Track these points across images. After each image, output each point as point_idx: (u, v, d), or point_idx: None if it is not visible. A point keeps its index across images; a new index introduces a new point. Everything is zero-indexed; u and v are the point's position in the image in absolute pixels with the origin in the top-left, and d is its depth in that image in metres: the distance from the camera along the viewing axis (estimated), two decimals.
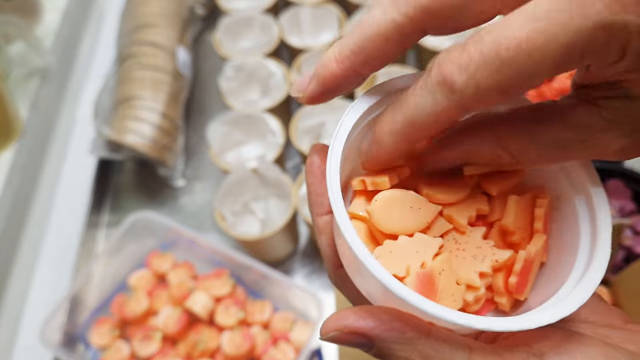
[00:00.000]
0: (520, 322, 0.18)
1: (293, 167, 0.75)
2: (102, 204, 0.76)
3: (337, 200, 0.19)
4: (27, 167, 0.70)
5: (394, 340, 0.18)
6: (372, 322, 0.18)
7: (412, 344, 0.18)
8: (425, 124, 0.18)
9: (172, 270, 0.63)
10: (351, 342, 0.19)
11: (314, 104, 0.22)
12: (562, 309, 0.18)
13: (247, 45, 0.78)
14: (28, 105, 0.73)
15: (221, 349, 0.57)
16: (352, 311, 0.19)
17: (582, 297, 0.18)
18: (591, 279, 0.19)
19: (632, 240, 0.57)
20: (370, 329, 0.18)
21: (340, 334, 0.19)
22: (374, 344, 0.19)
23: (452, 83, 0.17)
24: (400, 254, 0.20)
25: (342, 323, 0.19)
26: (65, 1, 0.85)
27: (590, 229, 0.20)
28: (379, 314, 0.19)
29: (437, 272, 0.20)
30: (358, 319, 0.19)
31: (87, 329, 0.61)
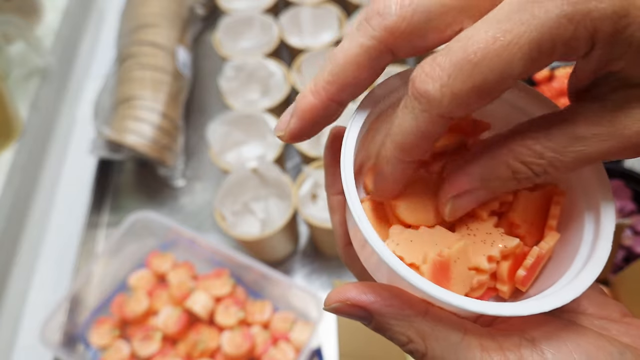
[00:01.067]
0: (512, 308, 0.18)
1: (293, 167, 0.75)
2: (102, 204, 0.76)
3: (349, 186, 0.20)
4: (27, 167, 0.70)
5: (392, 315, 0.19)
6: (372, 297, 0.19)
7: (409, 320, 0.19)
8: (414, 144, 0.19)
9: (172, 270, 0.63)
10: (352, 314, 0.20)
11: (296, 141, 0.22)
12: (556, 300, 0.18)
13: (247, 45, 0.78)
14: (28, 105, 0.73)
15: (221, 349, 0.57)
16: (354, 285, 0.20)
17: (577, 290, 0.19)
18: (589, 273, 0.19)
19: (632, 240, 0.57)
20: (370, 303, 0.19)
21: (342, 306, 0.20)
22: (372, 318, 0.20)
23: (427, 95, 0.17)
24: (419, 244, 0.21)
25: (345, 295, 0.20)
26: (66, 1, 0.85)
27: (593, 225, 0.21)
28: (380, 290, 0.20)
29: (452, 260, 0.21)
30: (360, 293, 0.20)
31: (87, 329, 0.61)
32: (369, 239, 0.19)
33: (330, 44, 0.73)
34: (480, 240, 0.22)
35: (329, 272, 0.67)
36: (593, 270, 0.19)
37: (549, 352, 0.18)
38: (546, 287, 0.21)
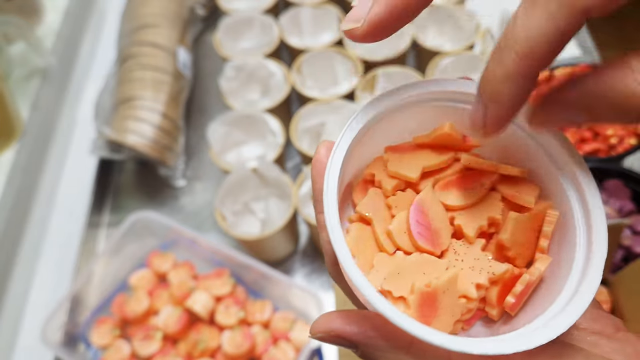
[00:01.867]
0: (497, 347, 0.17)
1: (293, 167, 0.75)
2: (103, 204, 0.76)
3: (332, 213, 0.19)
4: (27, 167, 0.70)
5: (377, 347, 0.19)
6: (356, 328, 0.19)
7: (394, 352, 0.19)
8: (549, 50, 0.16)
9: (172, 270, 0.64)
10: (337, 343, 0.20)
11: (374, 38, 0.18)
12: (542, 336, 0.18)
13: (247, 46, 0.78)
14: (29, 105, 0.73)
15: (221, 348, 0.57)
16: (339, 315, 0.20)
17: (567, 322, 0.18)
18: (580, 301, 0.19)
19: (631, 239, 0.57)
20: (354, 335, 0.19)
21: (326, 336, 0.20)
22: (357, 348, 0.19)
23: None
24: (407, 275, 0.21)
25: (330, 326, 0.20)
26: (66, 2, 0.85)
27: (586, 247, 0.20)
28: (365, 322, 0.19)
29: (441, 291, 0.20)
30: (344, 325, 0.19)
31: (87, 328, 0.61)
32: (353, 278, 0.18)
33: (330, 44, 0.73)
34: (469, 267, 0.21)
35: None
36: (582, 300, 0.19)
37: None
38: (536, 312, 0.20)
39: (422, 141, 0.23)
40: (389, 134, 0.24)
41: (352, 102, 0.66)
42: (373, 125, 0.22)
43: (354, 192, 0.24)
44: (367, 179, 0.24)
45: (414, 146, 0.24)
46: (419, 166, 0.23)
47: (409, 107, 0.23)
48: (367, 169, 0.24)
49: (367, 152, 0.24)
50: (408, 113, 0.23)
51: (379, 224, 0.22)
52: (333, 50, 0.71)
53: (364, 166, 0.24)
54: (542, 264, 0.21)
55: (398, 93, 0.22)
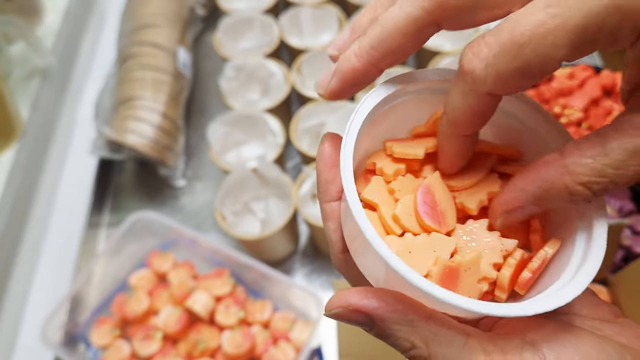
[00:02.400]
0: (518, 309, 0.18)
1: (293, 167, 0.75)
2: (103, 204, 0.76)
3: (350, 185, 0.20)
4: (27, 167, 0.70)
5: (395, 321, 0.19)
6: (375, 302, 0.19)
7: (412, 325, 0.19)
8: (465, 120, 0.20)
9: (172, 269, 0.64)
10: (354, 319, 0.20)
11: (335, 99, 0.23)
12: (554, 301, 0.18)
13: (247, 46, 0.78)
14: (29, 105, 0.73)
15: (221, 348, 0.57)
16: (356, 290, 0.20)
17: (575, 291, 0.19)
18: (585, 274, 0.19)
19: (631, 239, 0.57)
20: (373, 309, 0.19)
21: (344, 311, 0.19)
22: (375, 324, 0.19)
23: (472, 74, 0.18)
24: (418, 253, 0.21)
25: (347, 301, 0.19)
26: (66, 2, 0.85)
27: (586, 226, 0.21)
28: (383, 295, 0.19)
29: (463, 269, 0.21)
30: (362, 298, 0.19)
31: (87, 328, 0.61)
32: (374, 244, 0.18)
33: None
34: (483, 248, 0.22)
35: (328, 272, 0.67)
36: (587, 273, 0.19)
37: (551, 355, 0.18)
38: (542, 288, 0.21)
39: (418, 132, 0.24)
40: (386, 130, 0.24)
41: (352, 102, 0.66)
42: (371, 120, 0.23)
43: (356, 183, 0.24)
44: (369, 168, 0.24)
45: (411, 137, 0.25)
46: (422, 147, 0.23)
47: (407, 100, 0.24)
48: (368, 159, 0.24)
49: (365, 147, 0.24)
50: (404, 106, 0.24)
51: (385, 209, 0.22)
52: None
53: (362, 159, 0.25)
54: (554, 245, 0.22)
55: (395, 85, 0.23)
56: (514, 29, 0.17)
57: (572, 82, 0.68)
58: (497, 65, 0.17)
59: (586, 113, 0.65)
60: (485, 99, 0.18)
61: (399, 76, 0.23)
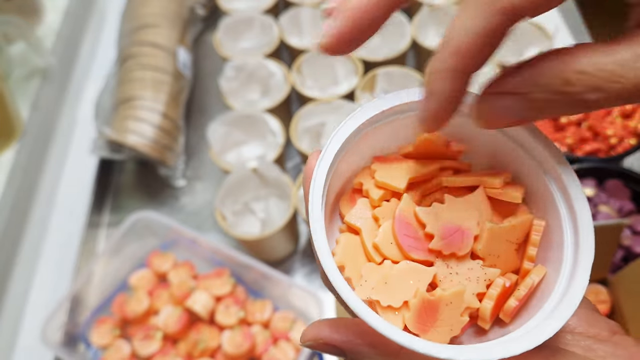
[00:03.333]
0: (482, 354, 0.18)
1: (293, 167, 0.75)
2: (103, 204, 0.76)
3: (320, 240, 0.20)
4: (28, 167, 0.70)
5: (365, 354, 0.19)
6: (345, 336, 0.20)
7: (382, 359, 0.19)
8: (476, 48, 0.17)
9: (172, 269, 0.64)
10: (325, 351, 0.20)
11: (337, 51, 0.19)
12: (530, 341, 0.18)
13: (247, 46, 0.78)
14: (29, 105, 0.73)
15: (222, 348, 0.57)
16: (328, 323, 0.20)
17: (553, 328, 0.18)
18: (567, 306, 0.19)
19: (630, 239, 0.57)
20: (342, 342, 0.20)
21: (315, 344, 0.20)
22: (346, 356, 0.20)
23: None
24: (394, 284, 0.21)
25: (318, 334, 0.20)
26: (66, 1, 0.85)
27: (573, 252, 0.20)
28: (354, 329, 0.20)
29: (444, 304, 0.20)
30: (332, 332, 0.20)
31: (87, 328, 0.61)
32: (338, 289, 0.19)
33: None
34: (466, 278, 0.22)
35: None
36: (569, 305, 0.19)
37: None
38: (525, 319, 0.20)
39: (407, 151, 0.24)
40: (377, 144, 0.24)
41: (352, 102, 0.66)
42: (361, 135, 0.23)
43: (341, 202, 0.24)
44: (356, 188, 0.24)
45: (400, 157, 0.24)
46: (405, 177, 0.23)
47: (395, 118, 0.23)
48: (356, 177, 0.24)
49: (355, 161, 0.24)
50: (393, 124, 0.23)
51: (367, 235, 0.22)
52: None
53: (352, 175, 0.24)
54: (540, 271, 0.21)
55: (383, 103, 0.22)
56: None
57: None
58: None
59: (586, 113, 0.65)
60: (504, 19, 0.16)
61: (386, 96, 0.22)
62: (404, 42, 0.72)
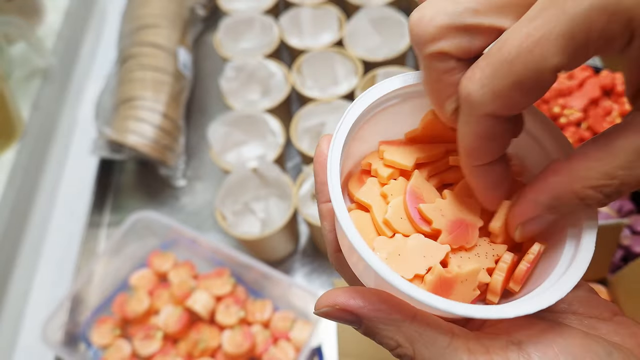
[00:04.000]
0: (499, 311, 0.18)
1: (293, 167, 0.75)
2: (104, 204, 0.76)
3: (337, 197, 0.20)
4: (28, 167, 0.71)
5: (380, 320, 0.19)
6: (361, 302, 0.20)
7: (397, 325, 0.19)
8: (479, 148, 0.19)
9: (173, 269, 0.64)
10: (341, 318, 0.20)
11: None
12: (541, 301, 0.19)
13: (247, 46, 0.78)
14: (29, 105, 0.74)
15: (222, 348, 0.57)
16: (344, 290, 0.20)
17: (562, 291, 0.19)
18: (572, 275, 0.19)
19: (630, 239, 0.57)
20: (359, 308, 0.20)
21: (331, 310, 0.20)
22: (361, 322, 0.20)
23: (469, 98, 0.18)
24: (408, 257, 0.21)
25: (334, 300, 0.20)
26: (67, 2, 0.86)
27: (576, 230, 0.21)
28: (369, 295, 0.20)
29: (460, 281, 0.21)
30: (349, 298, 0.20)
31: (88, 328, 0.61)
32: (357, 248, 0.19)
33: (330, 45, 0.73)
34: (475, 254, 0.22)
35: (329, 272, 0.67)
36: (574, 275, 0.19)
37: (535, 355, 0.18)
38: (530, 290, 0.21)
39: (413, 135, 0.24)
40: (383, 130, 0.24)
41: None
42: (367, 121, 0.23)
43: (350, 183, 0.25)
44: (365, 169, 0.25)
45: (406, 141, 0.25)
46: (413, 157, 0.24)
47: (401, 101, 0.24)
48: (364, 159, 0.25)
49: (361, 147, 0.24)
50: (400, 107, 0.24)
51: (377, 211, 0.23)
52: (333, 50, 0.71)
53: (359, 160, 0.25)
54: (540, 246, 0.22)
55: (390, 86, 0.23)
56: (502, 48, 0.17)
57: (571, 82, 0.68)
58: (491, 84, 0.17)
59: (585, 113, 0.66)
60: (489, 121, 0.18)
61: (395, 77, 0.23)
62: (404, 42, 0.72)
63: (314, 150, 0.65)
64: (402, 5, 0.82)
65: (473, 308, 0.18)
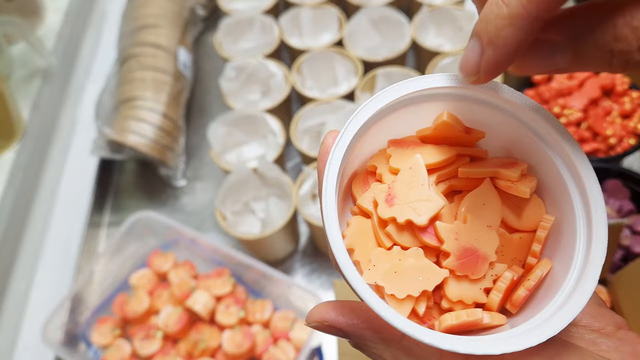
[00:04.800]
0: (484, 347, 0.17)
1: (293, 167, 0.75)
2: (104, 204, 0.76)
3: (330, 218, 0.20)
4: (28, 167, 0.71)
5: (369, 339, 0.20)
6: (349, 319, 0.20)
7: (385, 344, 0.19)
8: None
9: (173, 269, 0.64)
10: (330, 333, 0.20)
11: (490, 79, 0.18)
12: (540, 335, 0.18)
13: (247, 46, 0.78)
14: (30, 105, 0.74)
15: (222, 347, 0.57)
16: (334, 306, 0.20)
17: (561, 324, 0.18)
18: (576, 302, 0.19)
19: (630, 239, 0.57)
20: (347, 326, 0.20)
21: (321, 326, 0.20)
22: (350, 338, 0.20)
23: None
24: (404, 276, 0.21)
25: (323, 316, 0.20)
26: (67, 2, 0.86)
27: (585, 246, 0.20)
28: (359, 313, 0.20)
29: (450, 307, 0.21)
30: (337, 315, 0.20)
31: (88, 328, 0.61)
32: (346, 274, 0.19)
33: (330, 45, 0.73)
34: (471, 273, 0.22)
35: (329, 272, 0.67)
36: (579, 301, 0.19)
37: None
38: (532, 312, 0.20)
39: (424, 134, 0.24)
40: (394, 129, 0.24)
41: (352, 102, 0.66)
42: (379, 119, 0.23)
43: (353, 184, 0.24)
44: (370, 170, 0.24)
45: (416, 140, 0.24)
46: None
47: (414, 102, 0.23)
48: (370, 160, 0.24)
49: (371, 144, 0.24)
50: (413, 108, 0.23)
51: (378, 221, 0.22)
52: (333, 50, 0.71)
53: (366, 159, 0.24)
54: (544, 268, 0.21)
55: (404, 88, 0.22)
56: None
57: (571, 82, 0.68)
58: None
59: (585, 113, 0.66)
60: None
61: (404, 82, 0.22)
62: (404, 42, 0.72)
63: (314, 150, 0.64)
64: (402, 5, 0.82)
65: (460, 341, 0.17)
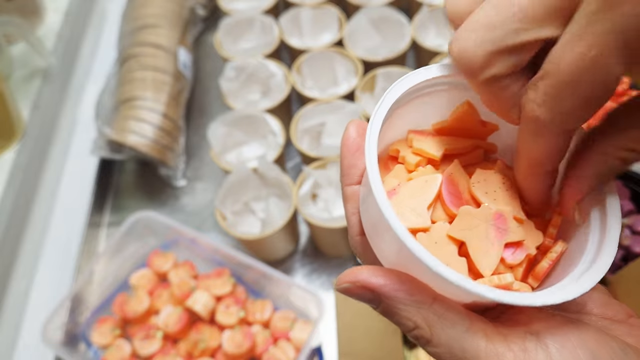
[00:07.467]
0: (527, 299, 0.18)
1: (293, 167, 0.75)
2: (104, 204, 0.76)
3: (373, 169, 0.20)
4: (28, 167, 0.71)
5: (400, 300, 0.20)
6: (383, 280, 0.20)
7: (416, 306, 0.19)
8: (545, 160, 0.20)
9: (173, 269, 0.64)
10: (361, 295, 0.20)
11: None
12: (568, 293, 0.19)
13: (247, 46, 0.78)
14: (30, 105, 0.74)
15: (222, 348, 0.57)
16: (367, 268, 0.20)
17: (587, 285, 0.19)
18: (596, 271, 0.19)
19: (630, 239, 0.57)
20: (380, 286, 0.20)
21: (352, 287, 0.20)
22: (381, 301, 0.20)
23: (537, 119, 0.19)
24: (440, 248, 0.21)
25: (356, 277, 0.20)
26: (67, 2, 0.86)
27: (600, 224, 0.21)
28: (391, 275, 0.20)
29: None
30: (370, 276, 0.20)
31: (88, 328, 0.61)
32: (394, 226, 0.19)
33: (330, 45, 0.73)
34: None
35: (329, 272, 0.67)
36: (598, 271, 0.19)
37: (553, 346, 0.18)
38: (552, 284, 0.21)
39: (440, 127, 0.24)
40: (412, 119, 0.25)
41: (352, 102, 0.66)
42: (399, 107, 0.23)
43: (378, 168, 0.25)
44: (392, 155, 0.25)
45: (434, 132, 0.25)
46: (441, 147, 0.24)
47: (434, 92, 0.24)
48: (392, 145, 0.25)
49: (390, 134, 0.24)
50: (430, 98, 0.24)
51: None
52: (333, 50, 0.71)
53: (386, 147, 0.25)
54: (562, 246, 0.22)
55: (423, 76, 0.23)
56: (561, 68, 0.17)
57: None
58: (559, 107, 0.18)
59: None
60: (559, 136, 0.19)
61: (429, 67, 0.23)
62: (404, 42, 0.72)
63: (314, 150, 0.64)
64: (402, 5, 0.82)
65: (504, 293, 0.18)
